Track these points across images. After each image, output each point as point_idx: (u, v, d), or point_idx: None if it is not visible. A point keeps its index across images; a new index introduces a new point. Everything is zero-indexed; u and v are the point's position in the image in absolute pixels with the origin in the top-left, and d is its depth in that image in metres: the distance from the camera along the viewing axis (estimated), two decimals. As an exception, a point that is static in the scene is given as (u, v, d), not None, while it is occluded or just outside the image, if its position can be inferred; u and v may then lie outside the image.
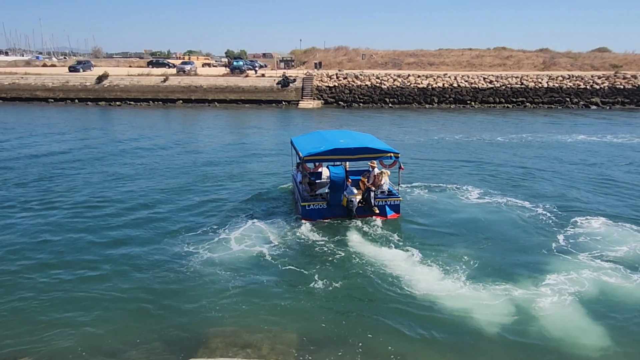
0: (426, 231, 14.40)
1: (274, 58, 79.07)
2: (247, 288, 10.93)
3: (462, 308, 10.04)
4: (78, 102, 54.64)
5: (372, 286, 11.00)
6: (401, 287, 10.88)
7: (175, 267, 11.94)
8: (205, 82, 56.46)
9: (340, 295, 10.68)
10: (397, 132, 34.19)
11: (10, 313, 10.00)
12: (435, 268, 11.86)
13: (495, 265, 12.16)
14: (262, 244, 13.21)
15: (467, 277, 11.38)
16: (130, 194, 18.07)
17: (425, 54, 71.79)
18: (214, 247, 13.00)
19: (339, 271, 11.70)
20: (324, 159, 15.07)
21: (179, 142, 29.93)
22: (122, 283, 11.23)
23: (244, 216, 15.51)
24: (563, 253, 12.84)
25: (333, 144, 15.22)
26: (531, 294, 10.64)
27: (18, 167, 22.55)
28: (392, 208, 15.41)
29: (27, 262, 12.30)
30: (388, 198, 15.43)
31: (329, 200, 15.10)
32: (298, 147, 16.13)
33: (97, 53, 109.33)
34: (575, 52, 71.35)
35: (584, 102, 52.95)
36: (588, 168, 22.76)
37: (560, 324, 9.52)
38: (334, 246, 13.16)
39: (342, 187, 15.03)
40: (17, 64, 79.09)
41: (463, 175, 21.12)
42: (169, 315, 9.90)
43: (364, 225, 14.72)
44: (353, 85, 54.95)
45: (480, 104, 53.15)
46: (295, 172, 17.15)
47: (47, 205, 16.77)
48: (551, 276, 11.46)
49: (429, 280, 11.21)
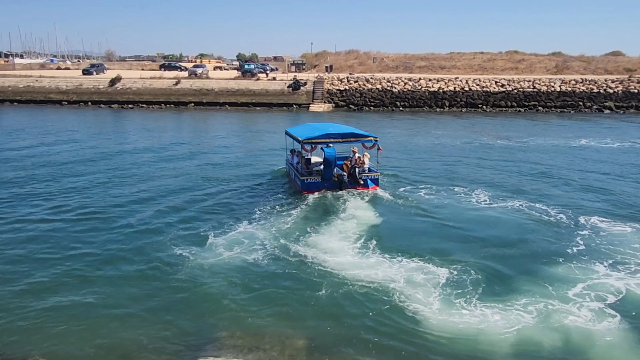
0: (432, 235, 14.27)
1: (285, 61, 79.35)
2: (254, 290, 10.88)
3: (472, 322, 9.62)
4: (91, 105, 55.28)
5: (379, 290, 10.88)
6: (407, 296, 10.77)
7: (181, 269, 11.92)
8: (217, 85, 56.81)
9: (347, 298, 10.54)
10: (408, 134, 34.11)
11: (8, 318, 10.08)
12: (442, 278, 11.45)
13: (505, 273, 11.83)
14: (267, 240, 13.21)
15: (476, 286, 11.18)
16: (138, 195, 18.15)
17: (436, 57, 71.64)
18: (219, 247, 12.99)
19: (342, 272, 11.61)
20: (319, 141, 18.40)
21: (188, 144, 30.09)
22: (128, 287, 11.22)
23: (248, 212, 15.56)
24: (580, 260, 12.41)
25: (325, 130, 18.96)
26: (549, 308, 9.94)
27: (26, 168, 22.86)
28: (372, 181, 18.76)
29: (23, 265, 12.37)
30: (369, 174, 18.74)
31: (323, 175, 18.31)
32: (295, 135, 19.55)
33: (110, 56, 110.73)
34: (589, 56, 70.80)
35: (597, 106, 52.42)
36: (602, 172, 22.47)
37: (585, 344, 8.87)
38: (334, 228, 14.05)
39: (334, 164, 18.34)
40: (31, 67, 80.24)
41: (473, 177, 20.94)
42: (176, 318, 9.89)
43: (352, 196, 17.64)
44: (364, 89, 54.93)
45: (492, 108, 52.85)
46: (290, 157, 20.46)
47: (48, 207, 16.85)
48: (569, 286, 10.85)
49: (435, 294, 10.86)
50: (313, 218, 15.66)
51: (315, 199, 17.56)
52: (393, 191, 18.57)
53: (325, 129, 19.34)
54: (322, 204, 17.22)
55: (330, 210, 16.48)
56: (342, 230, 14.42)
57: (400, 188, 19.18)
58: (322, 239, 13.75)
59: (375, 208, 16.61)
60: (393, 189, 18.89)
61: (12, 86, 58.90)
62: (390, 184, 19.68)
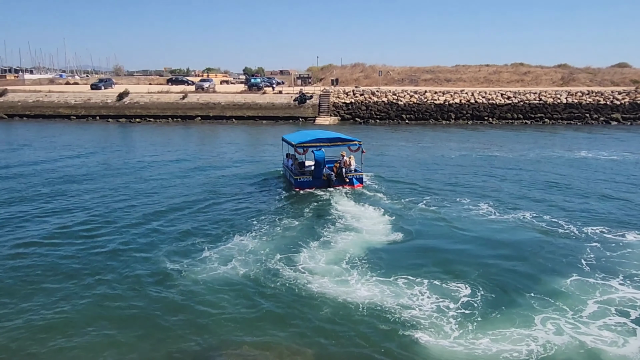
0: (437, 250, 14.12)
1: (291, 75, 79.84)
2: (253, 306, 10.76)
3: (483, 345, 9.28)
4: (99, 119, 55.74)
5: (378, 306, 10.77)
6: (410, 308, 10.65)
7: (184, 281, 11.88)
8: (223, 98, 57.17)
9: (347, 316, 10.27)
10: (413, 146, 34.05)
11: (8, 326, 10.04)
12: (451, 298, 11.20)
13: (514, 290, 11.54)
14: (263, 252, 13.15)
15: (486, 305, 11.00)
16: (142, 207, 18.18)
17: (442, 70, 71.78)
18: (220, 258, 12.95)
19: (339, 288, 11.50)
20: (310, 145, 21.14)
21: (193, 157, 30.16)
22: (134, 299, 11.18)
23: (247, 224, 15.54)
24: (593, 275, 12.08)
25: (315, 135, 22.02)
26: (566, 328, 9.55)
27: (31, 180, 23.13)
28: (357, 180, 21.20)
29: (22, 275, 12.37)
30: (355, 174, 21.25)
31: (314, 174, 20.90)
32: (290, 140, 22.28)
33: (118, 71, 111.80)
34: (595, 68, 70.70)
35: (604, 117, 52.22)
36: (611, 184, 22.27)
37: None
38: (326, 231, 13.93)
39: (323, 165, 21.01)
40: (41, 82, 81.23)
41: (479, 188, 20.83)
42: (180, 330, 9.82)
43: (340, 194, 20.08)
44: (370, 102, 55.08)
45: (498, 120, 52.78)
46: (286, 160, 23.33)
47: (47, 219, 16.95)
48: (585, 304, 10.42)
49: (445, 315, 10.71)
50: (308, 226, 15.96)
51: (310, 202, 18.92)
52: (397, 200, 18.51)
53: (316, 134, 22.47)
54: (315, 208, 18.27)
55: (327, 216, 16.86)
56: (342, 246, 14.27)
57: (404, 199, 19.13)
58: (318, 253, 13.63)
59: (383, 224, 16.46)
60: (397, 198, 18.84)
61: (21, 101, 59.56)
62: (394, 194, 19.63)
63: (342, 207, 18.06)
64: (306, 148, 21.28)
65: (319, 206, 18.52)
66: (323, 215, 17.33)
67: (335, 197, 19.60)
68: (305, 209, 17.97)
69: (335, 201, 18.95)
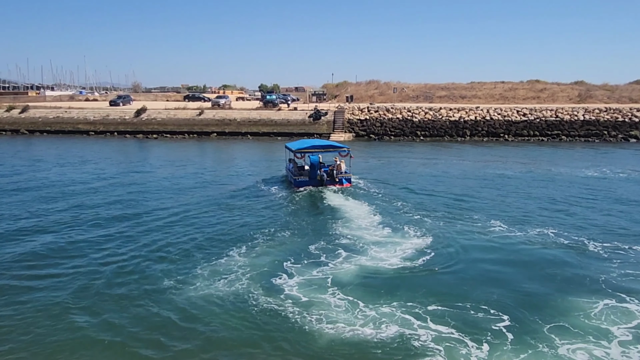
0: (451, 273, 13.91)
1: (306, 92, 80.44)
2: (249, 327, 10.61)
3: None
4: (117, 135, 56.65)
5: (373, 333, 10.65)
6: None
7: (187, 294, 11.93)
8: (239, 115, 57.75)
9: (345, 341, 10.05)
10: (427, 164, 33.91)
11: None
12: (465, 322, 10.95)
13: (535, 314, 11.26)
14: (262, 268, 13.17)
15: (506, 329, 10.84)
16: (152, 222, 18.38)
17: (457, 87, 71.71)
18: (220, 271, 12.99)
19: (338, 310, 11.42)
20: (307, 151, 25.65)
21: (206, 172, 30.44)
22: (135, 308, 11.31)
23: (252, 237, 15.63)
24: (616, 295, 11.82)
25: (312, 143, 27.07)
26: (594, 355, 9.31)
27: (48, 193, 23.86)
28: (346, 180, 25.15)
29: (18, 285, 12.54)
30: (345, 175, 25.20)
31: (310, 175, 25.00)
32: (290, 147, 26.78)
33: (136, 88, 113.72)
34: (612, 85, 70.04)
35: (622, 135, 51.48)
36: (630, 201, 21.89)
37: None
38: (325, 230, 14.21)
39: (317, 167, 25.06)
40: (61, 99, 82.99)
41: (495, 205, 20.62)
42: (181, 343, 9.85)
43: (333, 192, 23.86)
44: (384, 118, 55.15)
45: (514, 137, 52.35)
46: (288, 164, 27.66)
47: (46, 230, 17.33)
48: (610, 329, 10.13)
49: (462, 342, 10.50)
50: (305, 236, 16.55)
51: (307, 204, 21.91)
52: (401, 217, 18.42)
53: (313, 142, 27.76)
54: (313, 211, 20.26)
55: (324, 223, 17.93)
56: (346, 263, 14.28)
57: (415, 215, 19.06)
58: (316, 269, 13.68)
59: (392, 251, 16.42)
60: (402, 213, 18.75)
61: (42, 117, 60.94)
62: (401, 209, 19.54)
63: (343, 207, 20.38)
64: (303, 153, 25.71)
65: (319, 211, 18.96)
66: (325, 219, 17.75)
67: (330, 195, 22.95)
68: (303, 222, 18.51)
69: (337, 201, 21.98)
